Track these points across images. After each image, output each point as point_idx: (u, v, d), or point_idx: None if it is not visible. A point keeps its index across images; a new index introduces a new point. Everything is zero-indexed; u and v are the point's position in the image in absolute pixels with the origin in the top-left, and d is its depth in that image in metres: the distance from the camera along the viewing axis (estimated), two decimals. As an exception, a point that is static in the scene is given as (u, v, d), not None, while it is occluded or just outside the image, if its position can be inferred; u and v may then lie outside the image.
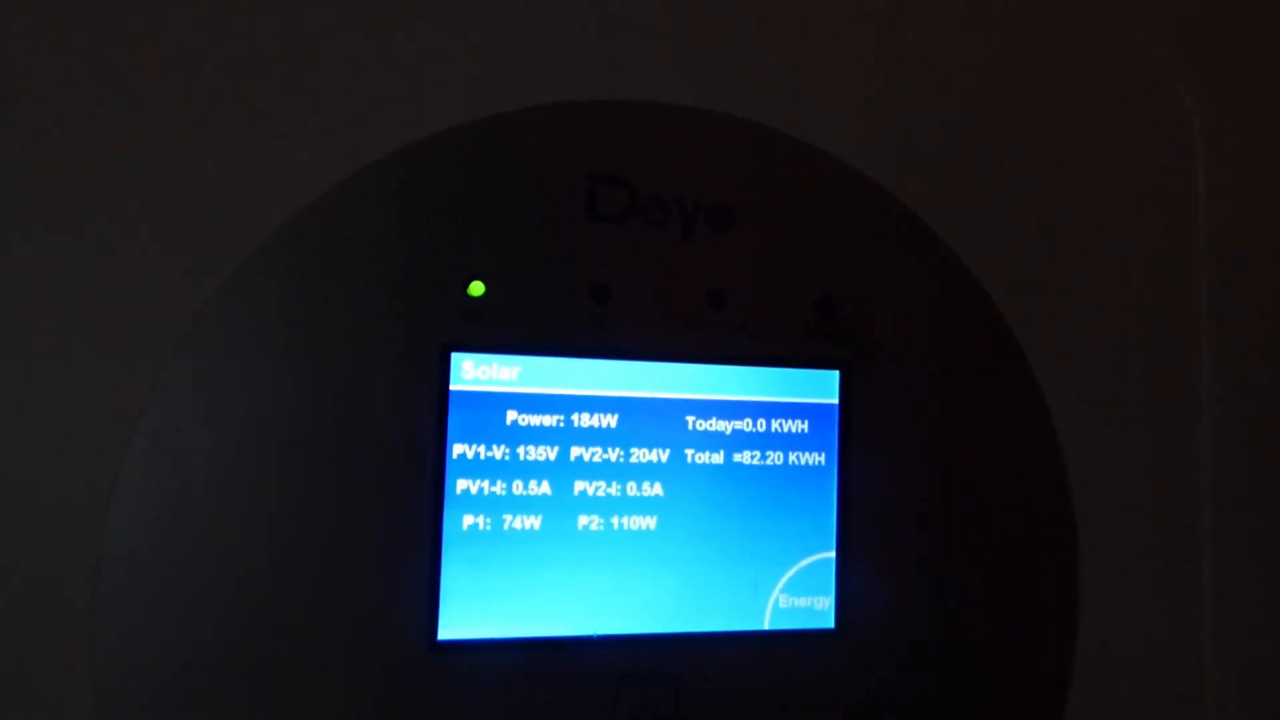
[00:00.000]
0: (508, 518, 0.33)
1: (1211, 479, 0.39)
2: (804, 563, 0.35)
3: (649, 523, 0.34)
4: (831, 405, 0.36)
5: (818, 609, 0.35)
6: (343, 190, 0.32)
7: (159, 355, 0.30)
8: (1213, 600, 0.39)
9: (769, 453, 0.35)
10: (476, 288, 0.33)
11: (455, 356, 0.33)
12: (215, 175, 0.31)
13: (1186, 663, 0.39)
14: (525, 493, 0.33)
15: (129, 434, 0.30)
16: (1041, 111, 0.39)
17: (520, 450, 0.33)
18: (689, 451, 0.35)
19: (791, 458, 0.36)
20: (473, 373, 0.33)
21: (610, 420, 0.34)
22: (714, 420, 0.35)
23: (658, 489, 0.34)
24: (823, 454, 0.36)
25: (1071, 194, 0.39)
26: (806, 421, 0.36)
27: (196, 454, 0.30)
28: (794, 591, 0.35)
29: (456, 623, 0.32)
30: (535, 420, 0.33)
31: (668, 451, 0.34)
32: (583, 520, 0.34)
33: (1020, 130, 0.39)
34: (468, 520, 0.32)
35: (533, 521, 0.33)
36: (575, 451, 0.34)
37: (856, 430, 0.36)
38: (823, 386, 0.36)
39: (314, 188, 0.32)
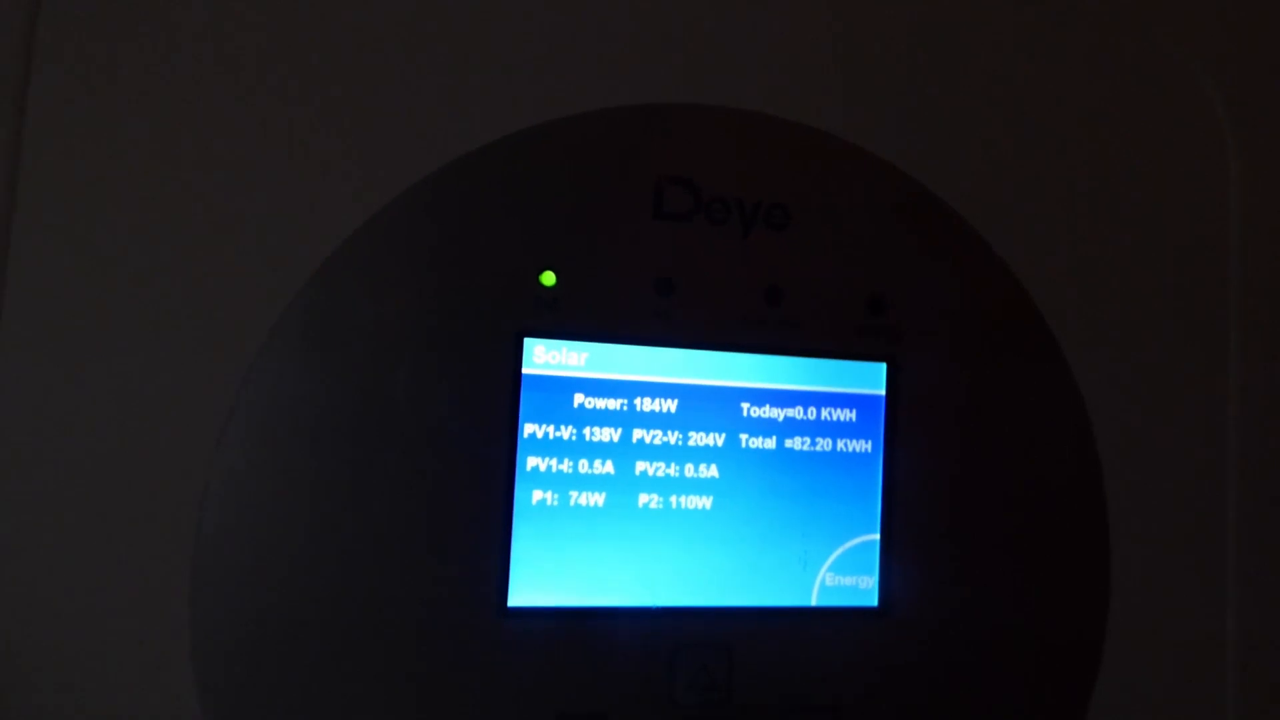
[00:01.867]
0: (574, 494, 0.35)
1: (1238, 469, 0.41)
2: (850, 544, 0.37)
3: (705, 502, 0.36)
4: (878, 396, 0.38)
5: (862, 588, 0.37)
6: (426, 186, 0.34)
7: (258, 338, 0.33)
8: (1236, 586, 0.41)
9: (818, 439, 0.37)
10: (549, 278, 0.35)
11: (528, 342, 0.35)
12: (308, 172, 0.33)
13: (1209, 643, 0.41)
14: (590, 471, 0.35)
15: (229, 411, 0.32)
16: (1077, 117, 0.41)
17: (586, 431, 0.35)
18: (743, 436, 0.37)
19: (839, 445, 0.38)
20: (544, 357, 0.35)
21: (670, 405, 0.36)
22: (767, 407, 0.37)
23: (714, 471, 0.36)
24: (869, 442, 0.38)
25: (1106, 195, 0.41)
26: (854, 411, 0.38)
27: (293, 432, 0.33)
28: (840, 570, 0.37)
29: (525, 590, 0.34)
30: (601, 403, 0.36)
31: (723, 436, 0.37)
32: (643, 498, 0.36)
33: (1056, 136, 0.40)
34: (537, 495, 0.35)
35: (597, 498, 0.35)
36: (637, 434, 0.36)
37: (902, 420, 0.38)
38: (870, 378, 0.38)
39: (399, 184, 0.34)
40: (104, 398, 0.32)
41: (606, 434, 0.36)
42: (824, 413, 0.38)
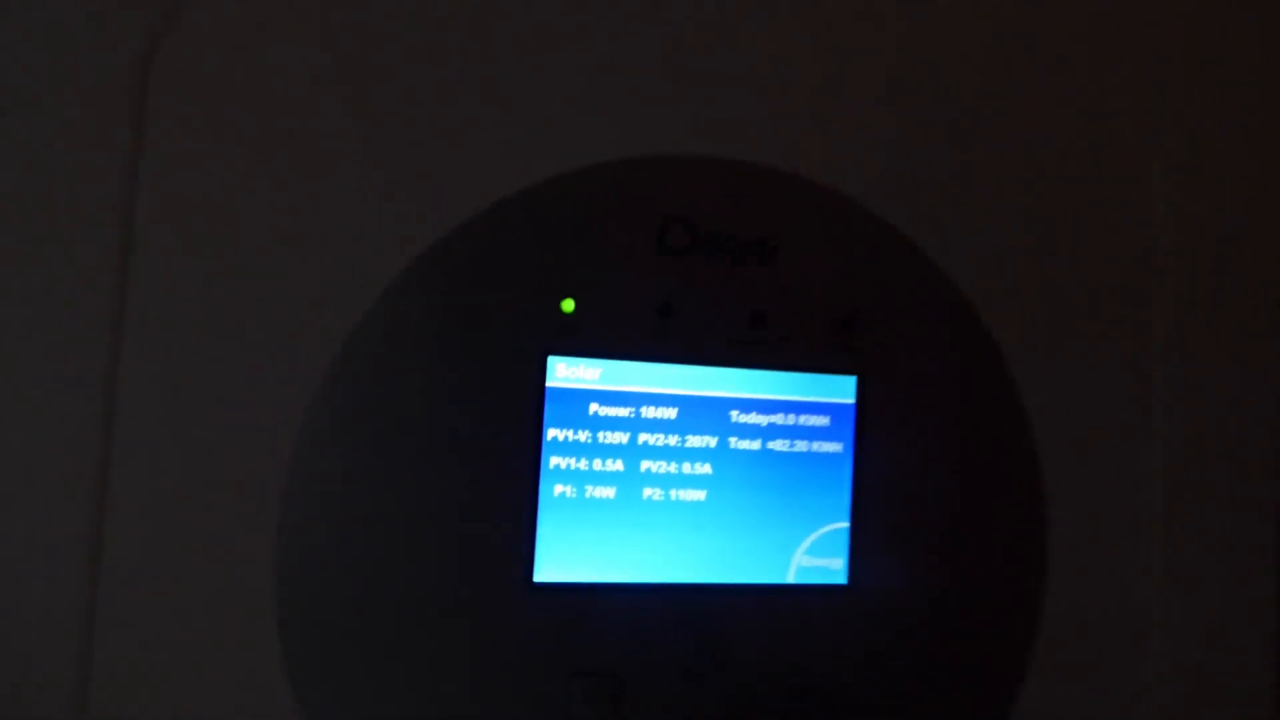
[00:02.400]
0: (589, 488, 0.42)
1: (1162, 457, 0.48)
2: (822, 530, 0.44)
3: (700, 495, 0.43)
4: (849, 405, 0.45)
5: (832, 568, 0.44)
6: (468, 226, 0.40)
7: (333, 352, 0.39)
8: (1159, 560, 0.48)
9: (797, 441, 0.44)
10: (569, 305, 0.41)
11: (551, 360, 0.41)
12: (372, 214, 0.40)
13: (1135, 611, 0.47)
14: (603, 469, 0.42)
15: (307, 417, 0.38)
16: (1021, 163, 0.47)
17: (600, 435, 0.42)
18: (732, 439, 0.43)
19: (814, 446, 0.44)
20: (564, 373, 0.41)
21: (670, 413, 0.43)
22: (753, 414, 0.43)
23: (707, 468, 0.43)
24: (840, 444, 0.44)
25: (1046, 231, 0.47)
26: (828, 417, 0.44)
27: (359, 433, 0.39)
28: (814, 553, 0.44)
29: (549, 568, 0.41)
30: (611, 411, 0.42)
31: (715, 439, 0.43)
32: (647, 491, 0.42)
33: (1003, 177, 0.47)
34: (558, 489, 0.41)
35: (608, 491, 0.42)
36: (642, 437, 0.42)
37: (868, 425, 0.44)
38: (842, 389, 0.44)
39: (445, 225, 0.40)
40: (215, 392, 0.38)
41: (616, 437, 0.42)
42: (801, 419, 0.44)
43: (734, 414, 0.43)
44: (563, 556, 0.41)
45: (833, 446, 0.44)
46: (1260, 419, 0.50)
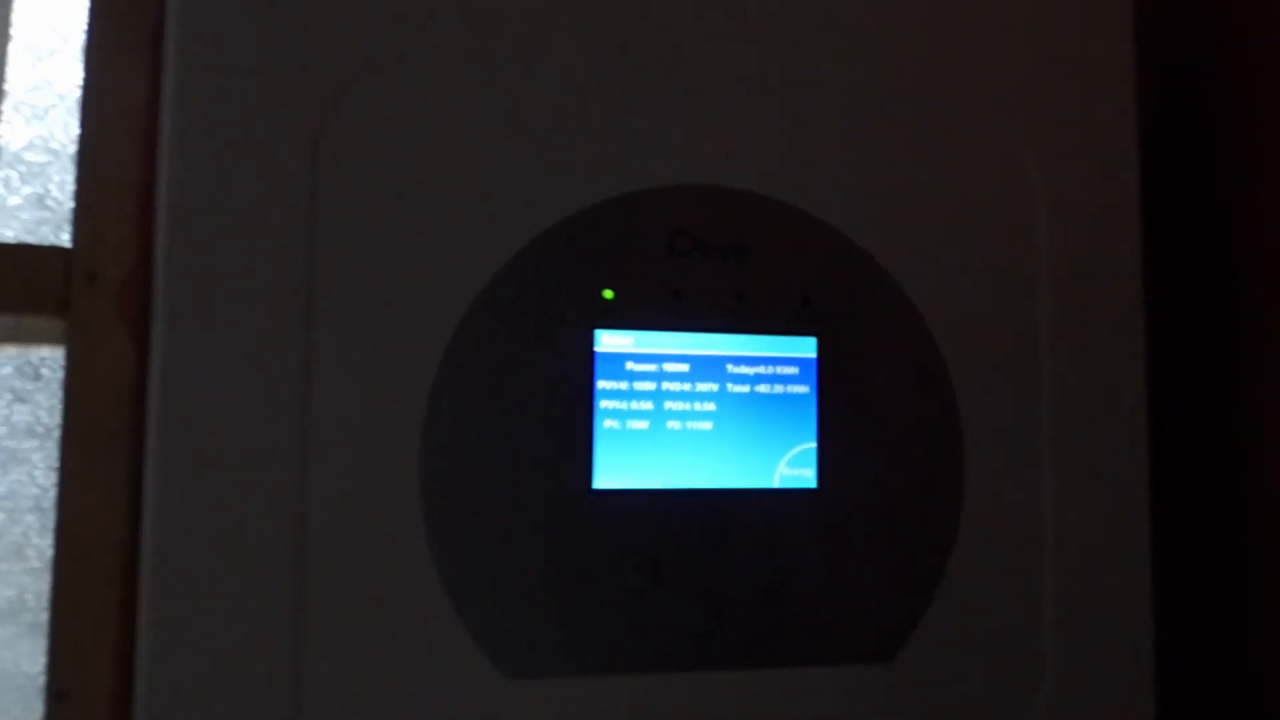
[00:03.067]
0: (629, 421, 0.59)
1: (1051, 404, 0.65)
2: (797, 449, 0.61)
3: (708, 425, 0.60)
4: (812, 359, 0.62)
5: (805, 476, 0.61)
6: (544, 237, 0.58)
7: (452, 333, 0.56)
8: (1053, 476, 0.65)
9: (775, 385, 0.61)
10: (609, 294, 0.59)
11: (597, 332, 0.59)
12: (461, 229, 0.57)
13: (1031, 518, 0.64)
14: (639, 408, 0.59)
15: (438, 376, 0.56)
16: (938, 177, 0.65)
17: (634, 384, 0.59)
18: (729, 385, 0.60)
19: (789, 389, 0.61)
20: (607, 341, 0.59)
21: (684, 368, 0.60)
22: (743, 367, 0.61)
23: (711, 406, 0.60)
24: (807, 386, 0.62)
25: (953, 224, 0.65)
26: (797, 368, 0.62)
27: (481, 387, 0.56)
28: (791, 465, 0.61)
29: (604, 478, 0.58)
30: (642, 368, 0.59)
31: (717, 385, 0.60)
32: (670, 424, 0.59)
33: (924, 187, 0.64)
34: (608, 423, 0.58)
35: (643, 424, 0.59)
36: (665, 385, 0.59)
37: (826, 373, 0.62)
38: (806, 347, 0.62)
39: (526, 237, 0.58)
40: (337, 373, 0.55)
41: (646, 385, 0.59)
42: (778, 369, 0.61)
43: (729, 367, 0.61)
44: (613, 470, 0.58)
45: (801, 389, 0.62)
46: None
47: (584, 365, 0.58)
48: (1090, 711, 0.64)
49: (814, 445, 0.61)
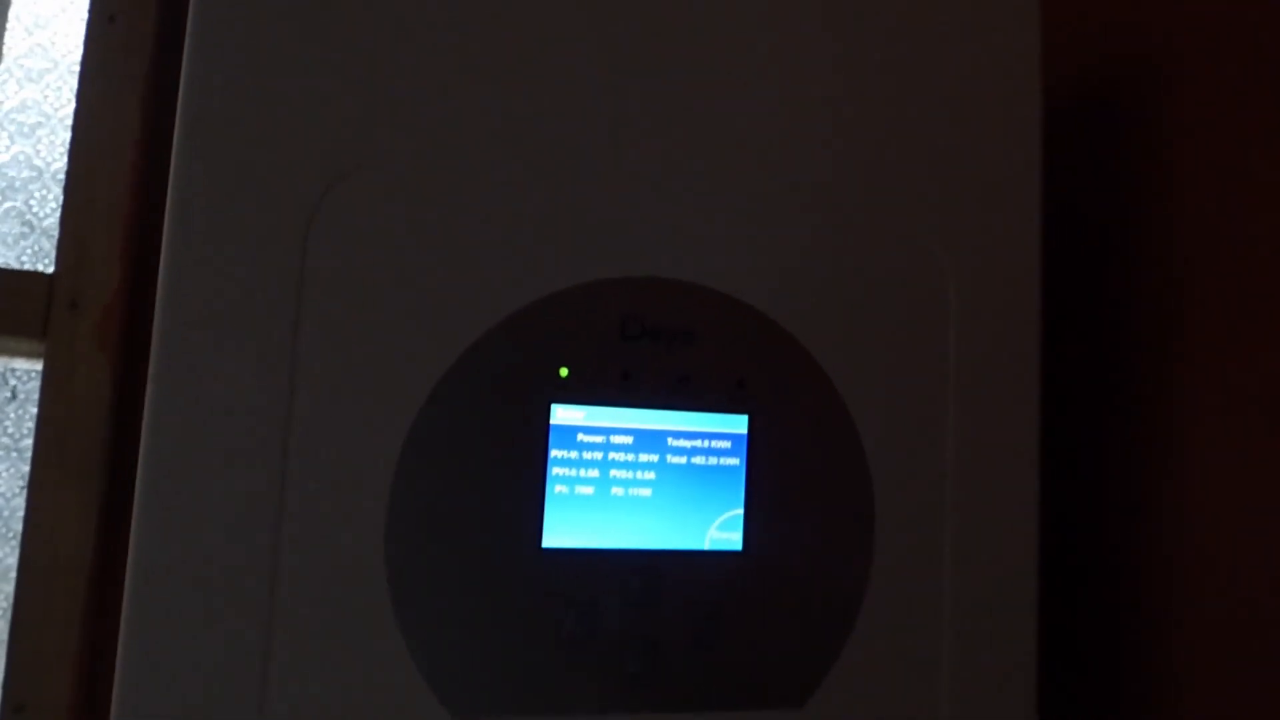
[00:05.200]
0: (578, 487, 0.66)
1: (953, 466, 0.73)
2: (726, 515, 0.68)
3: (647, 492, 0.67)
4: (743, 434, 0.69)
5: (732, 540, 0.68)
6: (507, 321, 0.65)
7: (424, 400, 0.63)
8: (951, 543, 0.73)
9: (709, 457, 0.68)
10: (564, 371, 0.66)
11: (553, 406, 0.66)
12: (439, 304, 0.64)
13: (930, 574, 0.72)
14: (586, 475, 0.66)
15: (407, 440, 0.62)
16: (853, 285, 0.73)
17: (584, 454, 0.66)
18: (669, 456, 0.68)
19: (722, 460, 0.69)
20: (561, 415, 0.66)
21: (629, 440, 0.67)
22: (682, 440, 0.68)
23: (651, 475, 0.67)
24: (738, 459, 0.69)
25: (873, 314, 0.73)
26: (730, 442, 0.69)
27: (447, 451, 0.63)
28: (721, 529, 0.68)
29: (552, 538, 0.65)
30: (591, 439, 0.66)
31: (657, 456, 0.67)
32: (614, 490, 0.66)
33: (843, 281, 0.72)
34: (558, 488, 0.65)
35: (589, 490, 0.66)
36: (611, 455, 0.67)
37: (756, 447, 0.69)
38: (739, 424, 0.69)
39: (491, 320, 0.64)
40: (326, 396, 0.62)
41: (594, 455, 0.66)
42: (712, 443, 0.69)
43: (669, 440, 0.68)
44: (561, 530, 0.65)
45: (733, 460, 0.69)
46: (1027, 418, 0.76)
47: (540, 435, 0.65)
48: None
49: (741, 511, 0.69)
